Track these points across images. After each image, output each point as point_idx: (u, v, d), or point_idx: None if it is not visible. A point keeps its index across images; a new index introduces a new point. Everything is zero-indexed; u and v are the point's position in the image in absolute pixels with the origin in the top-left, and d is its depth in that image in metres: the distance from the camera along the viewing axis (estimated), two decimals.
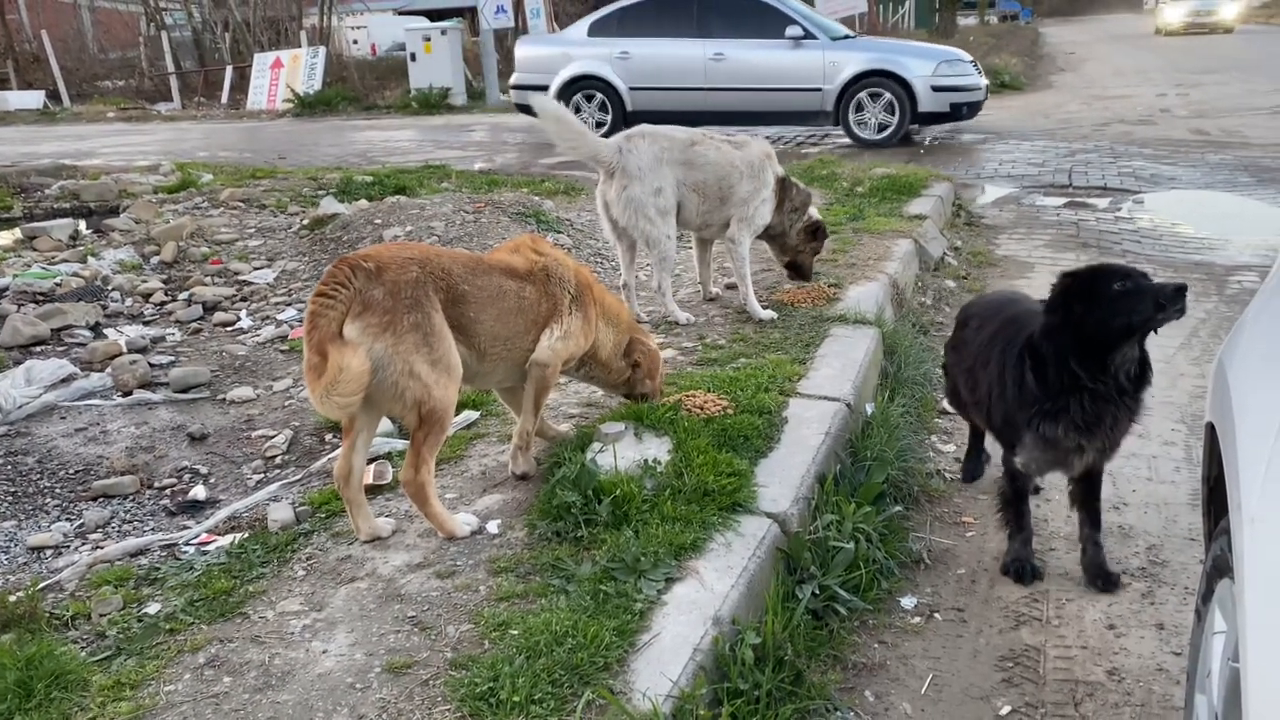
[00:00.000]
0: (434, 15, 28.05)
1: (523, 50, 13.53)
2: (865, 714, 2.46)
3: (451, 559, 2.69)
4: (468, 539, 2.78)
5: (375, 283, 2.61)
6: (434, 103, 19.28)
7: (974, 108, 11.85)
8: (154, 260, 6.39)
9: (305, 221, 7.07)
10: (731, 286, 5.03)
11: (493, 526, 2.84)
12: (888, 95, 11.51)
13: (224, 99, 22.87)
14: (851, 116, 11.69)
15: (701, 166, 4.64)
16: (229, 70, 23.39)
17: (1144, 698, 2.48)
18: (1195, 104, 14.67)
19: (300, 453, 3.68)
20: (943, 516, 3.43)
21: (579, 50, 12.61)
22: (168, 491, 3.47)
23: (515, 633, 2.29)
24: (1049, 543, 3.23)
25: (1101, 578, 2.94)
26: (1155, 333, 2.68)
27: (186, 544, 3.02)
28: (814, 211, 5.01)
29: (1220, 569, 1.69)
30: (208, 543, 3.00)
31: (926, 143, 11.81)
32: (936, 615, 2.88)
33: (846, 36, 12.57)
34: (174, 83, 24.00)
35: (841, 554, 2.88)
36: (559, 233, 6.63)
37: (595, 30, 12.71)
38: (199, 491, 3.43)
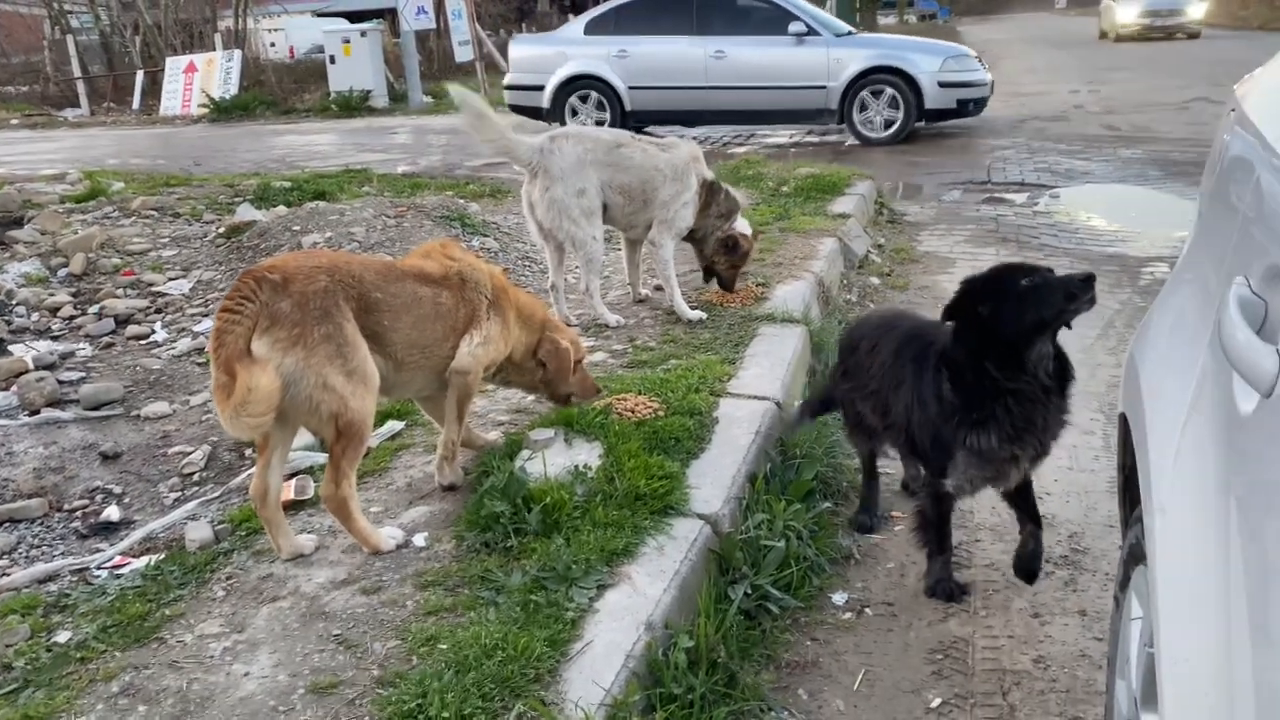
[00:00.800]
0: (353, 17, 27.64)
1: (517, 50, 13.18)
2: (799, 713, 2.47)
3: (377, 574, 2.63)
4: (393, 553, 2.72)
5: (282, 295, 2.53)
6: (355, 105, 18.99)
7: (980, 104, 11.75)
8: (62, 273, 6.15)
9: (221, 230, 6.88)
10: (660, 288, 5.03)
11: (419, 539, 2.79)
12: (893, 92, 11.39)
13: (135, 104, 22.18)
14: (856, 114, 11.55)
15: (626, 169, 4.62)
16: (140, 75, 22.70)
17: (1069, 684, 2.53)
18: (1106, 100, 15.11)
19: (219, 469, 3.57)
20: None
21: (575, 49, 12.30)
22: (79, 513, 3.34)
23: (444, 647, 2.25)
24: (974, 534, 3.28)
25: (1025, 572, 2.93)
26: (1069, 327, 2.61)
27: (99, 567, 2.91)
28: (741, 224, 4.90)
29: (1136, 556, 1.73)
30: (122, 565, 2.90)
31: (845, 144, 11.95)
32: (867, 610, 2.91)
33: (850, 33, 12.37)
34: (81, 88, 23.19)
35: (773, 553, 2.89)
36: (485, 236, 6.56)
37: (592, 28, 12.40)
38: (112, 512, 3.30)
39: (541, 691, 2.12)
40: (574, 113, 12.27)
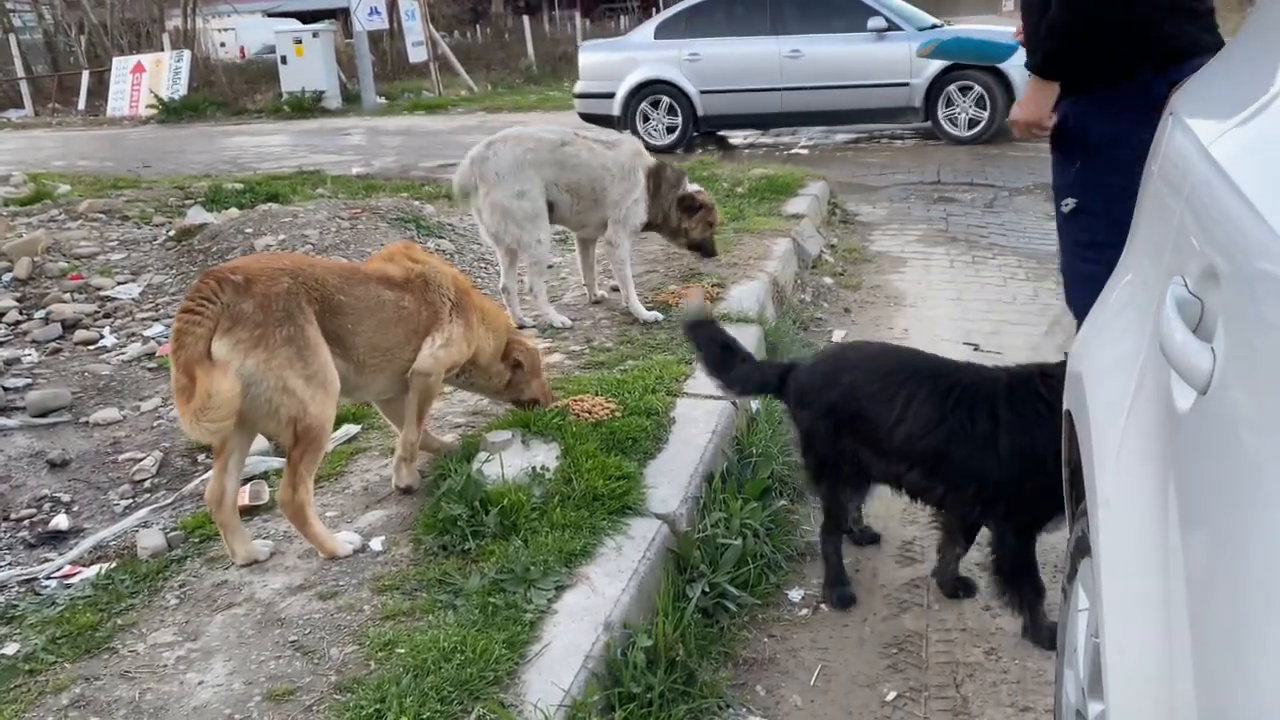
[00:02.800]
0: (305, 17, 27.35)
1: (587, 57, 12.66)
2: (756, 709, 2.49)
3: (334, 579, 2.61)
4: (350, 558, 2.70)
5: (244, 296, 2.50)
6: (307, 106, 18.80)
7: None
8: (6, 277, 6.01)
9: (172, 232, 6.78)
10: (617, 289, 5.04)
11: (376, 544, 2.77)
12: (980, 89, 10.90)
13: (81, 105, 21.76)
14: (941, 112, 11.13)
15: (574, 167, 4.62)
16: (85, 75, 22.28)
17: (1019, 674, 2.58)
18: None
19: (171, 475, 3.52)
20: None
21: (645, 54, 11.85)
22: (26, 523, 3.27)
23: (402, 651, 2.24)
24: (927, 529, 3.32)
25: (966, 588, 2.92)
26: None
27: (48, 578, 2.86)
28: (688, 185, 4.94)
29: (1082, 549, 1.77)
30: (71, 575, 2.85)
31: (794, 149, 12.03)
32: (823, 606, 2.94)
33: (934, 26, 11.75)
34: (25, 88, 22.70)
35: (730, 551, 2.92)
36: (440, 238, 6.53)
37: (662, 32, 11.94)
38: (61, 521, 3.24)
39: (501, 694, 2.12)
40: (645, 119, 11.86)
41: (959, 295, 5.81)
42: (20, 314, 5.39)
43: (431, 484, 3.05)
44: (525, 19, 27.97)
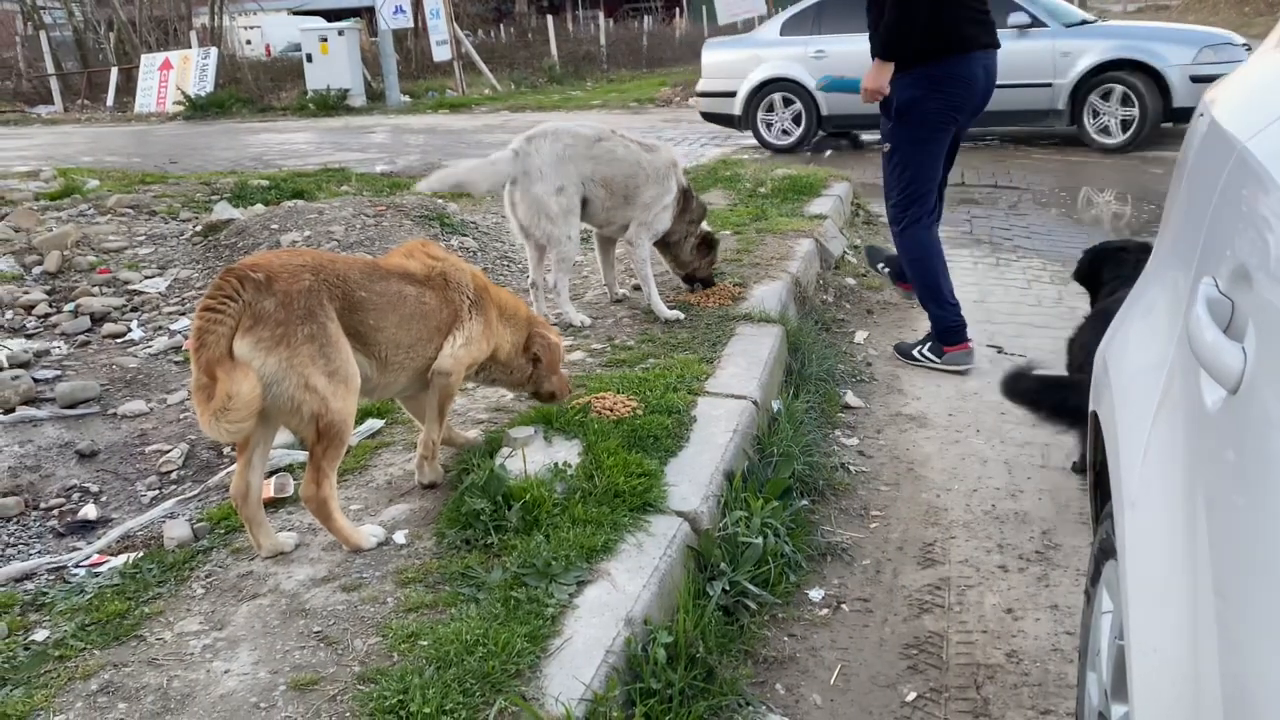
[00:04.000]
0: (330, 15, 27.53)
1: (710, 55, 12.43)
2: (776, 707, 2.50)
3: (357, 571, 2.63)
4: (374, 551, 2.72)
5: (266, 294, 2.50)
6: (332, 104, 18.95)
7: None
8: (36, 270, 6.10)
9: (198, 228, 6.84)
10: (638, 288, 5.04)
11: (400, 537, 2.79)
12: (1128, 91, 10.04)
13: (109, 101, 22.01)
14: (1087, 116, 10.35)
15: (610, 162, 4.63)
16: (114, 72, 22.52)
17: (1040, 677, 2.57)
18: None
19: (197, 467, 3.56)
20: (847, 509, 3.50)
21: (769, 51, 11.63)
22: (55, 512, 3.32)
23: (425, 643, 2.26)
24: (949, 531, 3.32)
25: None
26: None
27: (77, 566, 2.89)
28: (704, 225, 5.10)
29: (1106, 551, 1.77)
30: (99, 564, 2.88)
31: (810, 151, 11.99)
32: (843, 606, 2.94)
33: (1083, 22, 11.00)
34: (55, 85, 22.98)
35: (750, 549, 2.92)
36: (464, 235, 6.56)
37: (788, 29, 11.67)
38: (89, 511, 3.28)
39: (522, 687, 2.13)
40: (768, 120, 11.65)
41: (983, 297, 5.79)
42: (50, 307, 5.47)
43: (455, 478, 3.06)
44: (549, 18, 28.05)
